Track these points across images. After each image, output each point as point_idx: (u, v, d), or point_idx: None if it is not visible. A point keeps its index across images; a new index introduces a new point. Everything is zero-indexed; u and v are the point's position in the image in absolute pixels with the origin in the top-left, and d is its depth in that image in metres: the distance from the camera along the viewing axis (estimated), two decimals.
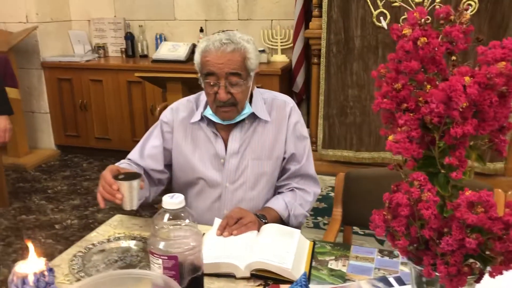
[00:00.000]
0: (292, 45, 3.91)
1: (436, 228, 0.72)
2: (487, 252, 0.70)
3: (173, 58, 3.97)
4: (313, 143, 3.64)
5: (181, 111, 1.61)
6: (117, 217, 1.54)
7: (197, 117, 1.57)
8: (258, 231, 1.36)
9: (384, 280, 1.15)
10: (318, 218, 2.98)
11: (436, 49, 0.76)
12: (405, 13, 3.08)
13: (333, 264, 1.25)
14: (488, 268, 0.72)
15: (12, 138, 4.07)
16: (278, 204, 1.54)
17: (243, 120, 1.55)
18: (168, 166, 1.62)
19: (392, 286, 1.13)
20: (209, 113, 1.54)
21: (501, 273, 0.70)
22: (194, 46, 3.96)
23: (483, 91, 0.67)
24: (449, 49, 0.81)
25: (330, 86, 3.37)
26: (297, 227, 1.55)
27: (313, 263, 1.25)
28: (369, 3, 3.14)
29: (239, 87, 1.46)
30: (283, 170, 1.62)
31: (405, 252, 0.78)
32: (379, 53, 3.14)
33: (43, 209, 3.33)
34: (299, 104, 4.17)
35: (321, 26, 3.30)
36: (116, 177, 1.30)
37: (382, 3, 3.12)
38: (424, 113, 0.71)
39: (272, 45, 4.13)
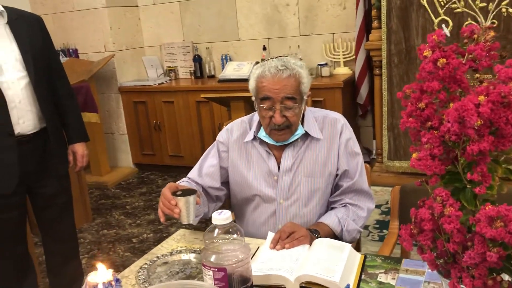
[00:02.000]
0: (354, 57, 3.92)
1: (460, 241, 0.74)
2: None
3: (238, 77, 4.13)
4: (379, 154, 3.62)
5: (235, 131, 1.71)
6: (181, 231, 1.67)
7: (250, 136, 1.65)
8: (310, 245, 1.41)
9: None
10: (384, 231, 2.95)
11: (457, 68, 0.79)
12: (469, 19, 3.00)
13: (382, 277, 1.27)
14: None
15: (95, 158, 4.46)
16: (330, 219, 1.58)
17: (296, 139, 1.61)
18: (225, 183, 1.72)
19: None
20: (263, 135, 1.62)
21: None
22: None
23: (497, 109, 0.70)
24: (472, 67, 0.83)
25: (393, 97, 3.34)
26: (351, 242, 1.57)
27: (363, 276, 1.28)
28: (429, 11, 3.09)
29: (293, 111, 1.52)
30: (336, 186, 1.66)
31: (434, 265, 0.80)
32: None
33: (122, 224, 3.59)
34: (364, 116, 4.15)
35: (381, 37, 3.29)
36: (174, 193, 1.41)
37: (443, 10, 3.06)
38: (443, 131, 0.75)
39: (334, 58, 4.16)
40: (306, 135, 1.62)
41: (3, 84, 1.90)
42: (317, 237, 1.47)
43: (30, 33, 2.01)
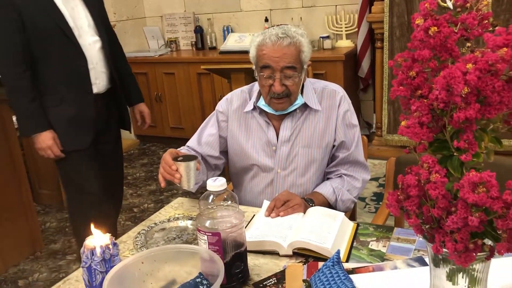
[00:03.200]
0: (357, 30, 3.89)
1: (444, 207, 0.76)
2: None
3: (240, 49, 4.11)
4: (378, 128, 3.63)
5: (235, 101, 1.72)
6: (179, 199, 1.70)
7: (250, 106, 1.66)
8: (304, 213, 1.44)
9: (419, 260, 1.18)
10: (380, 203, 2.98)
11: (448, 37, 0.80)
12: None
13: (373, 245, 1.30)
14: None
15: None
16: (326, 189, 1.60)
17: (294, 109, 1.62)
18: (224, 152, 1.74)
19: (427, 265, 1.16)
20: (262, 103, 1.62)
21: (507, 250, 0.73)
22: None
23: (485, 77, 0.70)
24: (464, 36, 0.84)
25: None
26: (345, 211, 1.60)
27: (354, 243, 1.31)
28: None
29: (293, 80, 1.53)
30: (332, 157, 1.68)
31: (419, 230, 0.83)
32: None
33: (123, 193, 3.63)
34: (365, 90, 4.14)
35: (383, 10, 3.26)
36: (175, 159, 1.43)
37: None
38: (432, 99, 0.76)
39: (336, 30, 4.12)
40: (305, 106, 1.62)
41: (83, 46, 2.07)
42: (312, 206, 1.50)
43: (95, 1, 2.19)
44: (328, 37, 4.08)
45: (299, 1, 4.27)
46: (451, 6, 0.87)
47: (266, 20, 4.33)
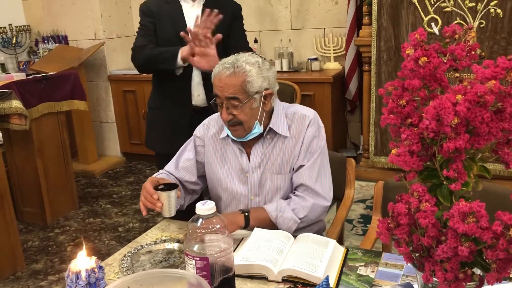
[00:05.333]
0: (344, 52, 3.94)
1: (434, 236, 0.77)
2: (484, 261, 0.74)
3: None
4: (366, 150, 3.66)
5: (211, 126, 1.71)
6: (166, 221, 1.68)
7: (225, 133, 1.65)
8: (231, 229, 1.43)
9: (408, 286, 1.18)
10: (368, 225, 2.98)
11: (437, 67, 0.81)
12: (458, 18, 3.04)
13: (362, 270, 1.29)
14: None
15: (82, 147, 4.44)
16: (270, 205, 1.59)
17: (265, 135, 1.61)
18: (202, 177, 1.73)
19: None
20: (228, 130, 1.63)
21: (497, 281, 0.73)
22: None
23: (474, 108, 0.72)
24: (453, 66, 0.85)
25: None
26: (287, 230, 1.52)
27: (344, 269, 1.31)
28: (419, 9, 3.12)
29: (239, 109, 1.52)
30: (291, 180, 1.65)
31: (409, 258, 0.83)
32: None
33: (108, 212, 3.59)
34: (352, 111, 4.18)
35: (371, 34, 3.31)
36: (156, 187, 1.43)
37: (433, 8, 3.08)
38: (422, 128, 0.77)
39: (325, 53, 4.17)
40: (274, 132, 1.62)
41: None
42: (246, 215, 1.51)
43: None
44: (316, 59, 4.12)
45: (288, 23, 4.33)
46: (437, 32, 0.90)
47: (256, 41, 4.37)
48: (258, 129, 1.58)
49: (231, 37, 2.26)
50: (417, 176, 0.82)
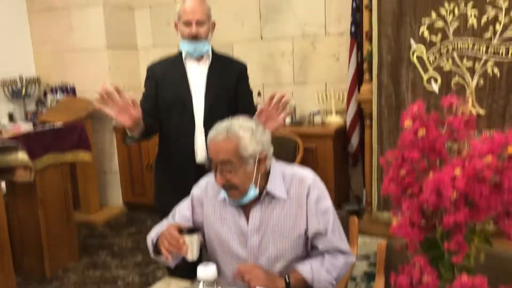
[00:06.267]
0: (346, 107, 4.01)
1: None
2: None
3: None
4: (368, 204, 3.64)
5: (210, 190, 1.71)
6: (167, 279, 1.67)
7: (222, 195, 1.65)
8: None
9: None
10: (372, 283, 2.93)
11: (436, 140, 0.84)
12: (456, 77, 3.11)
13: None
14: None
15: (85, 196, 4.45)
16: (304, 267, 1.58)
17: (263, 198, 1.61)
18: None
19: None
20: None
21: None
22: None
23: (473, 183, 0.73)
24: (451, 138, 0.88)
25: (383, 148, 3.40)
26: None
27: None
28: (419, 68, 3.20)
29: (233, 173, 1.53)
30: (313, 248, 1.64)
31: None
32: None
33: (108, 265, 3.54)
34: (354, 165, 4.20)
35: (371, 90, 3.38)
36: (180, 231, 1.47)
37: (432, 67, 3.17)
38: (422, 201, 0.78)
39: (326, 106, 4.24)
40: (272, 194, 1.61)
41: (196, 114, 2.22)
42: (287, 283, 1.50)
43: (223, 77, 2.28)
44: (318, 112, 4.19)
45: (290, 77, 4.43)
46: (436, 90, 0.93)
47: (259, 94, 4.46)
48: (254, 192, 1.58)
49: (237, 98, 2.30)
50: (418, 247, 0.83)
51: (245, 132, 1.54)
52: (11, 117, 4.55)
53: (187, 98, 2.23)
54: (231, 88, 2.28)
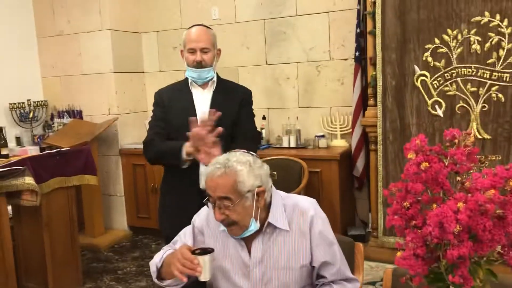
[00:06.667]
0: (351, 130, 4.03)
1: None
2: None
3: None
4: (374, 229, 3.62)
5: (211, 219, 1.67)
6: None
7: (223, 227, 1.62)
8: None
9: None
10: None
11: (438, 172, 0.84)
12: (461, 101, 3.13)
13: None
14: None
15: (90, 220, 4.45)
16: None
17: (264, 230, 1.58)
18: None
19: None
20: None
21: None
22: (258, 134, 4.19)
23: (475, 216, 0.74)
24: (454, 170, 0.89)
25: (388, 172, 3.39)
26: None
27: None
28: (423, 92, 3.22)
29: (232, 209, 1.50)
30: (319, 276, 1.62)
31: None
32: (436, 140, 3.16)
33: None
34: (360, 188, 4.19)
35: (376, 115, 3.40)
36: (193, 252, 1.46)
37: (436, 92, 3.19)
38: (425, 233, 0.78)
39: (331, 130, 4.26)
40: (274, 226, 1.59)
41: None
42: None
43: (227, 102, 2.29)
44: (323, 136, 4.21)
45: (295, 102, 4.46)
46: (441, 114, 0.94)
47: (264, 118, 4.49)
48: (254, 226, 1.55)
49: (239, 125, 2.30)
50: (423, 280, 0.82)
51: (243, 167, 1.51)
52: (18, 141, 4.59)
53: (190, 118, 2.25)
54: (234, 113, 2.30)
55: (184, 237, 1.71)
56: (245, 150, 1.63)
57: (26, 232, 3.31)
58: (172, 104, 2.31)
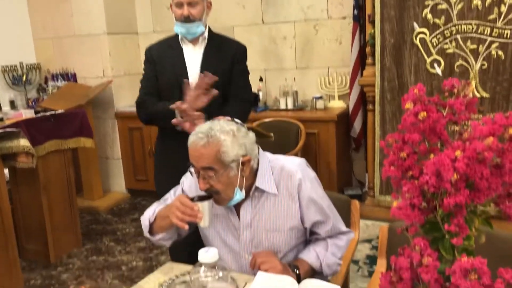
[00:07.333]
0: (349, 91, 3.99)
1: None
2: None
3: None
4: (371, 188, 3.64)
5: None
6: (169, 264, 1.67)
7: None
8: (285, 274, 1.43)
9: None
10: (374, 266, 2.94)
11: (437, 122, 0.83)
12: (460, 59, 3.08)
13: None
14: None
15: (88, 183, 4.46)
16: (309, 254, 1.57)
17: (252, 194, 1.57)
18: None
19: None
20: None
21: None
22: (255, 96, 4.15)
23: (473, 164, 0.73)
24: (452, 120, 0.87)
25: (385, 132, 3.38)
26: (332, 275, 1.59)
27: None
28: (422, 50, 3.17)
29: (216, 179, 1.47)
30: (312, 233, 1.63)
31: None
32: None
33: (112, 250, 3.57)
34: (357, 149, 4.19)
35: (374, 74, 3.36)
36: (191, 199, 1.46)
37: (435, 50, 3.14)
38: (422, 183, 0.77)
39: (329, 91, 4.22)
40: (262, 190, 1.57)
41: None
42: (297, 273, 1.49)
43: (219, 58, 2.26)
44: (321, 97, 4.17)
45: (292, 62, 4.40)
46: (440, 73, 0.92)
47: (261, 79, 4.44)
48: (239, 196, 1.52)
49: (231, 84, 2.25)
50: (419, 229, 0.82)
51: (226, 136, 1.46)
52: (12, 104, 4.55)
53: (183, 79, 2.21)
54: (226, 69, 2.23)
55: (175, 195, 1.71)
56: (229, 118, 1.57)
57: (24, 195, 3.32)
58: (162, 61, 2.26)
